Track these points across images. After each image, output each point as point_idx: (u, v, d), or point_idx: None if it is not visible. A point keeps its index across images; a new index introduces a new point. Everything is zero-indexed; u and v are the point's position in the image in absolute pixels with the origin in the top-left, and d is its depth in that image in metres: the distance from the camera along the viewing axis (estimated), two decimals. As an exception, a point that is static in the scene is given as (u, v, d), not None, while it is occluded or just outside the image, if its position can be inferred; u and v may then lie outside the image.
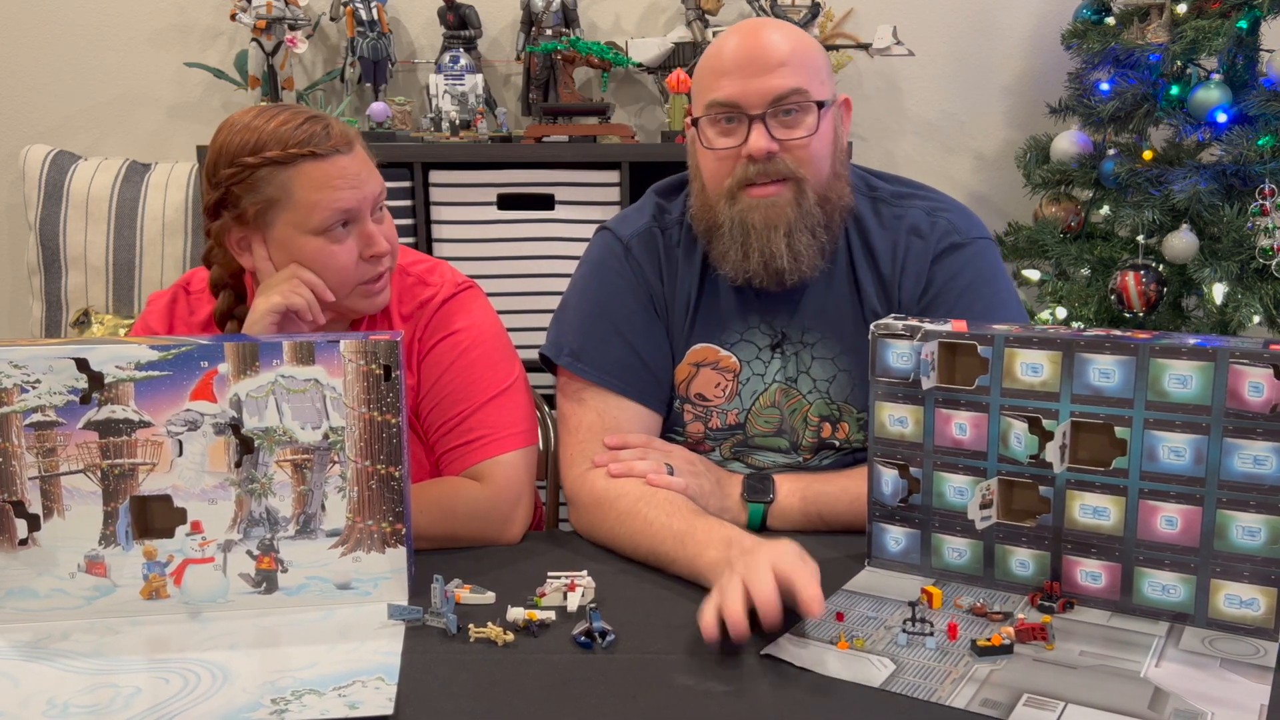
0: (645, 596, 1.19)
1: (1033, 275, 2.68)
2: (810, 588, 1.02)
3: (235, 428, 1.12)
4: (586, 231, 1.73)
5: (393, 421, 1.14)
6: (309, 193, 1.29)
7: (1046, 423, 1.14)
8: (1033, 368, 1.14)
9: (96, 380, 1.10)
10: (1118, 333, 1.11)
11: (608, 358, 1.43)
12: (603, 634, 1.06)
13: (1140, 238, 2.40)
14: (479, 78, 2.58)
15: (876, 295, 1.41)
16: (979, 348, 1.16)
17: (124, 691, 0.97)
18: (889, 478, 1.24)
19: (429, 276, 1.45)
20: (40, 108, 2.82)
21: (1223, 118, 2.31)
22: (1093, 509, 1.13)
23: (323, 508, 1.15)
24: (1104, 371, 1.10)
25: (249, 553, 1.14)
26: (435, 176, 2.45)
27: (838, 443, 1.44)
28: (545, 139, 2.50)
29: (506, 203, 2.45)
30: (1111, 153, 2.50)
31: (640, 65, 2.67)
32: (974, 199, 2.89)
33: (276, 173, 1.28)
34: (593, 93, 2.79)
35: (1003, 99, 2.90)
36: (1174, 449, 1.08)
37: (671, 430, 1.49)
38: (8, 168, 2.82)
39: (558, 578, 1.18)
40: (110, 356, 1.10)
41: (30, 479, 1.11)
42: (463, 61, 2.57)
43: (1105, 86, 2.47)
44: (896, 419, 1.22)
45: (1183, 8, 2.38)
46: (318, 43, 2.79)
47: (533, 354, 1.51)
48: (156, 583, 1.14)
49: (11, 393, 1.10)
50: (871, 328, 1.22)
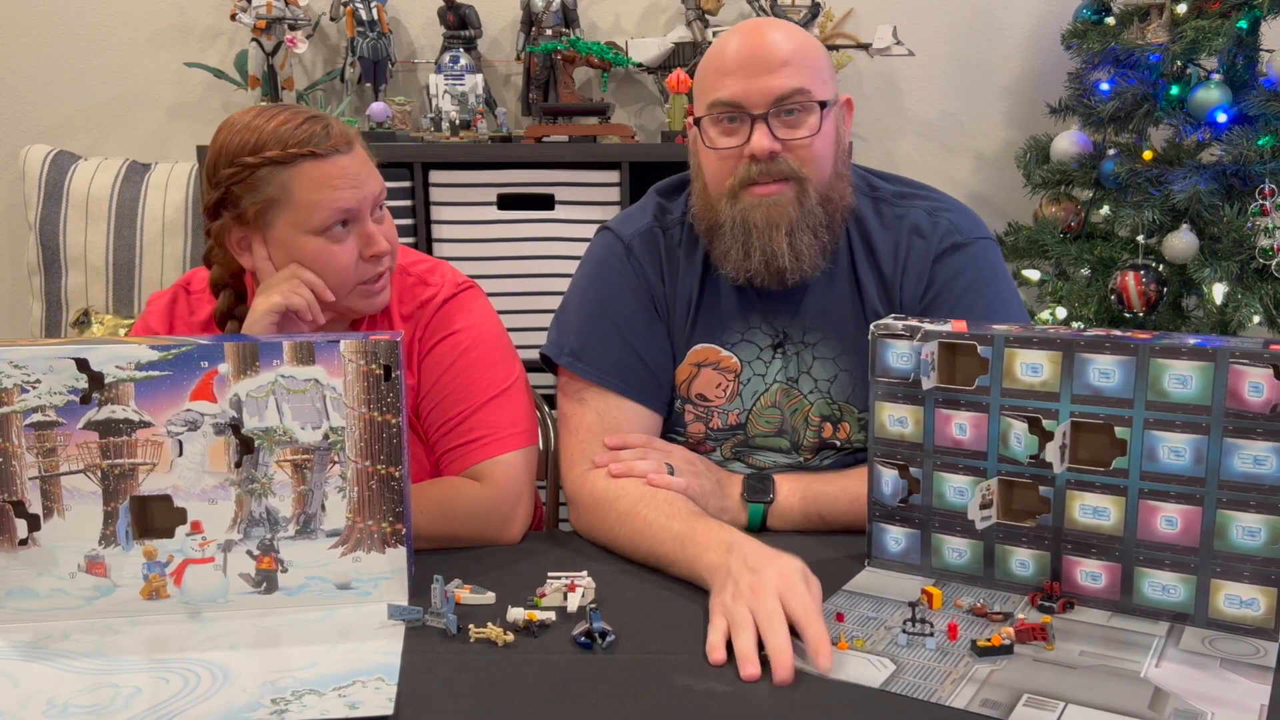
0: (645, 597, 1.18)
1: (1033, 275, 2.68)
2: (815, 628, 1.01)
3: (235, 428, 1.12)
4: (587, 231, 1.73)
5: (393, 421, 1.14)
6: (309, 192, 1.29)
7: (1046, 423, 1.14)
8: (1033, 368, 1.14)
9: (97, 380, 1.10)
10: (1118, 333, 1.11)
11: (608, 358, 1.43)
12: (603, 634, 1.06)
13: (1140, 238, 2.40)
14: (479, 78, 2.58)
15: (878, 295, 1.41)
16: (979, 348, 1.16)
17: (124, 691, 0.97)
18: (889, 478, 1.24)
19: (429, 276, 1.45)
20: (40, 108, 2.82)
21: (1223, 118, 2.31)
22: (1093, 509, 1.13)
23: (323, 508, 1.15)
24: (1104, 371, 1.10)
25: (249, 553, 1.14)
26: (435, 176, 2.45)
27: (839, 443, 1.44)
28: (545, 139, 2.50)
29: (506, 203, 2.45)
30: (1111, 153, 2.50)
31: (640, 65, 2.67)
32: (974, 199, 2.89)
33: (276, 172, 1.28)
34: (593, 93, 2.79)
35: (1003, 99, 2.90)
36: (1174, 449, 1.08)
37: (672, 430, 1.49)
38: (8, 168, 2.82)
39: (558, 578, 1.18)
40: (110, 356, 1.10)
41: (30, 479, 1.11)
42: (463, 61, 2.57)
43: (1105, 86, 2.47)
44: (896, 419, 1.22)
45: (1183, 8, 2.38)
46: (318, 43, 2.79)
47: (533, 354, 1.51)
48: (156, 583, 1.14)
49: (11, 393, 1.09)
50: (871, 328, 1.22)
